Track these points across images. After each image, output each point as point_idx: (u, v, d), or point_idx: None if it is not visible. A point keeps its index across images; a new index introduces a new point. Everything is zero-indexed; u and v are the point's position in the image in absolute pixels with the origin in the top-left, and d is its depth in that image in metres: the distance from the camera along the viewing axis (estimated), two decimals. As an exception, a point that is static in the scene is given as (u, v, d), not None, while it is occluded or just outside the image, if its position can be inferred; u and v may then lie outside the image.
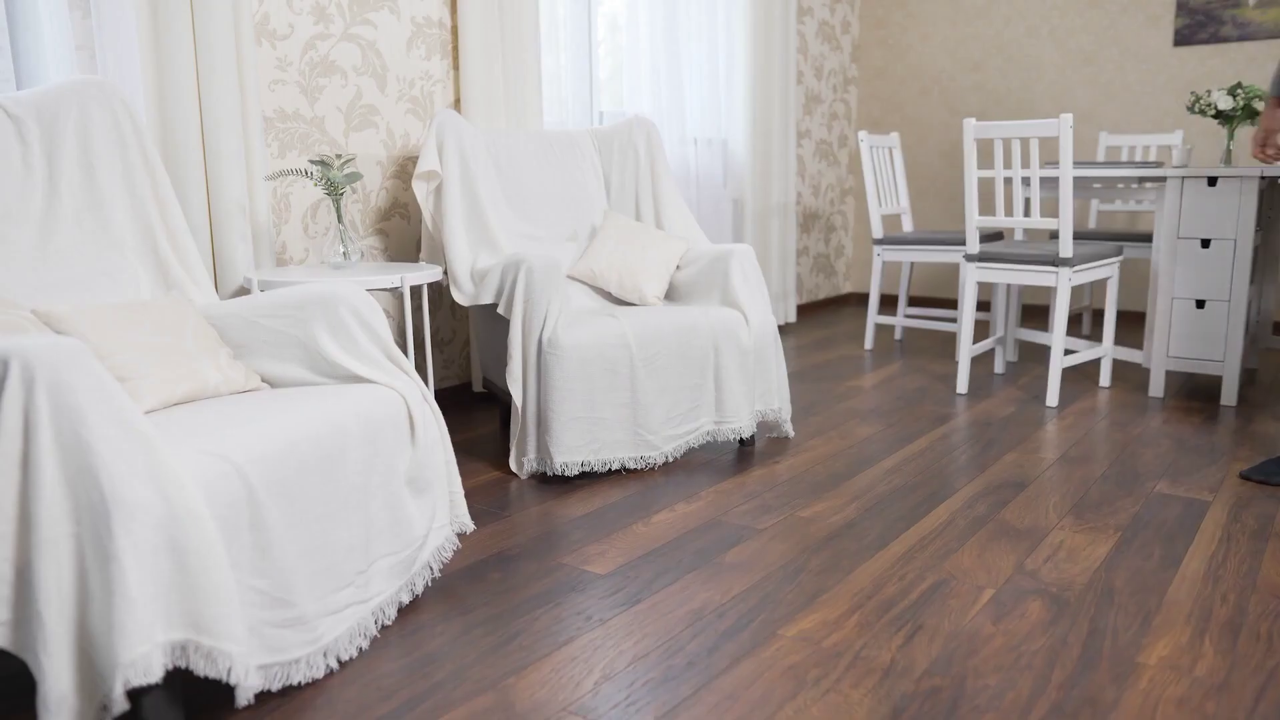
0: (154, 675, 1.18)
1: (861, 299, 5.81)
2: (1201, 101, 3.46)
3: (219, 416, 1.54)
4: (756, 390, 2.71)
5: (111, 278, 1.94)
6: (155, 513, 1.20)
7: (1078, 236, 4.20)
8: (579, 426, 2.45)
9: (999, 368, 3.80)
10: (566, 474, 2.51)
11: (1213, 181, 3.16)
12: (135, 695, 1.24)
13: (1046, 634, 1.67)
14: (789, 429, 2.88)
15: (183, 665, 1.23)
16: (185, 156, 2.43)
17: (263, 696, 1.50)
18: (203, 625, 1.23)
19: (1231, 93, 3.40)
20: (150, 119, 2.40)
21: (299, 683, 1.51)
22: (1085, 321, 4.59)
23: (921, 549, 2.05)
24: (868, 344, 4.36)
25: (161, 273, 2.03)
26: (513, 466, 2.53)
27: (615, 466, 2.52)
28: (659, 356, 2.53)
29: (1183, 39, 4.67)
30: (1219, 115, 3.44)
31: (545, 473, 2.57)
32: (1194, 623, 1.71)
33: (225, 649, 1.24)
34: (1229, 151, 3.49)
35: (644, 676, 1.54)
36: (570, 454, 2.45)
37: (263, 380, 1.84)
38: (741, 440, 2.84)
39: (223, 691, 1.53)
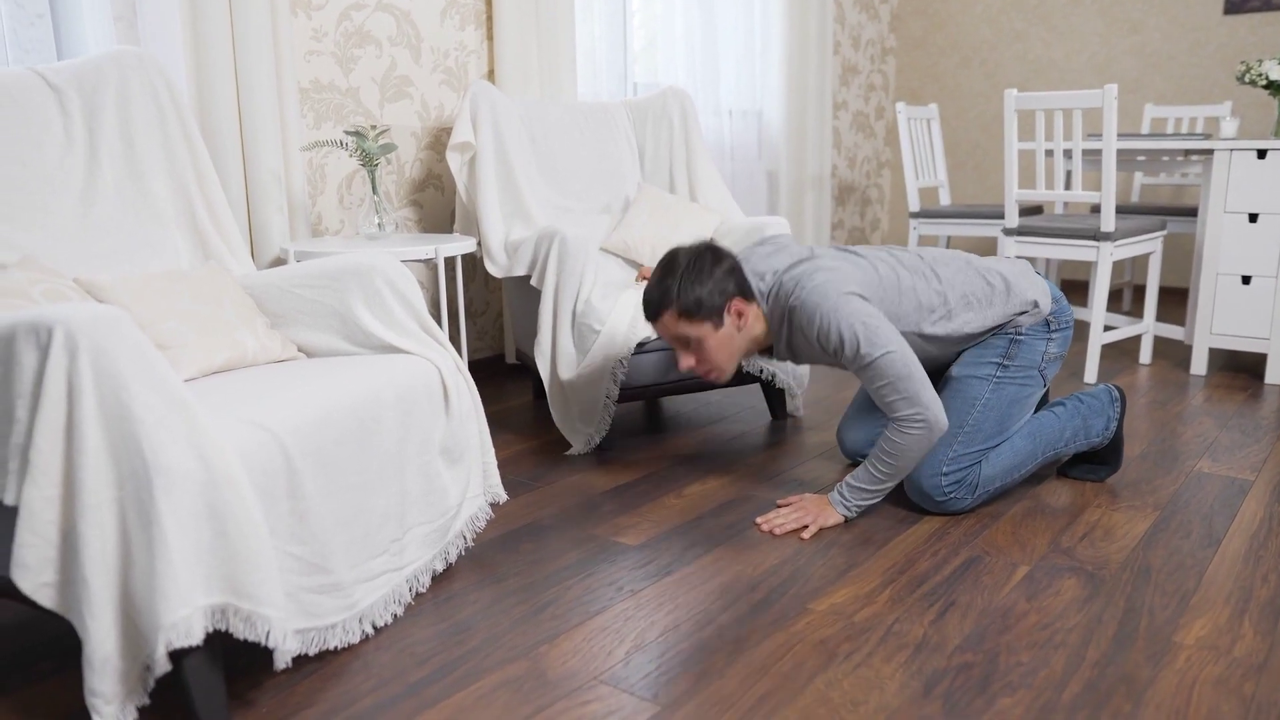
0: (195, 638, 1.20)
1: (897, 273, 5.74)
2: (1252, 71, 3.36)
3: (257, 385, 1.56)
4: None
5: (152, 248, 1.96)
6: (196, 479, 1.22)
7: (1120, 210, 4.11)
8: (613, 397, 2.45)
9: (1036, 343, 3.74)
10: (603, 446, 2.52)
11: (1262, 154, 3.08)
12: (177, 657, 1.27)
13: (1081, 612, 1.65)
14: (798, 406, 2.84)
15: (223, 628, 1.26)
16: (222, 128, 2.45)
17: (300, 660, 1.53)
18: (242, 590, 1.26)
19: (1284, 62, 3.31)
20: (188, 90, 2.41)
21: (335, 647, 1.54)
22: (1126, 297, 4.50)
23: (955, 525, 2.03)
24: (902, 319, 4.31)
25: (200, 243, 2.05)
26: (573, 444, 2.52)
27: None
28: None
29: (1233, 7, 4.53)
30: (1270, 86, 3.35)
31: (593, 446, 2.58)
32: (1233, 603, 1.68)
33: (264, 613, 1.27)
34: (1280, 123, 3.40)
35: (675, 647, 1.55)
36: (603, 425, 2.46)
37: (299, 349, 1.86)
38: (774, 415, 2.83)
39: (262, 654, 1.56)
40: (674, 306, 1.94)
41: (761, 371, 2.62)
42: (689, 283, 1.93)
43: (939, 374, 2.32)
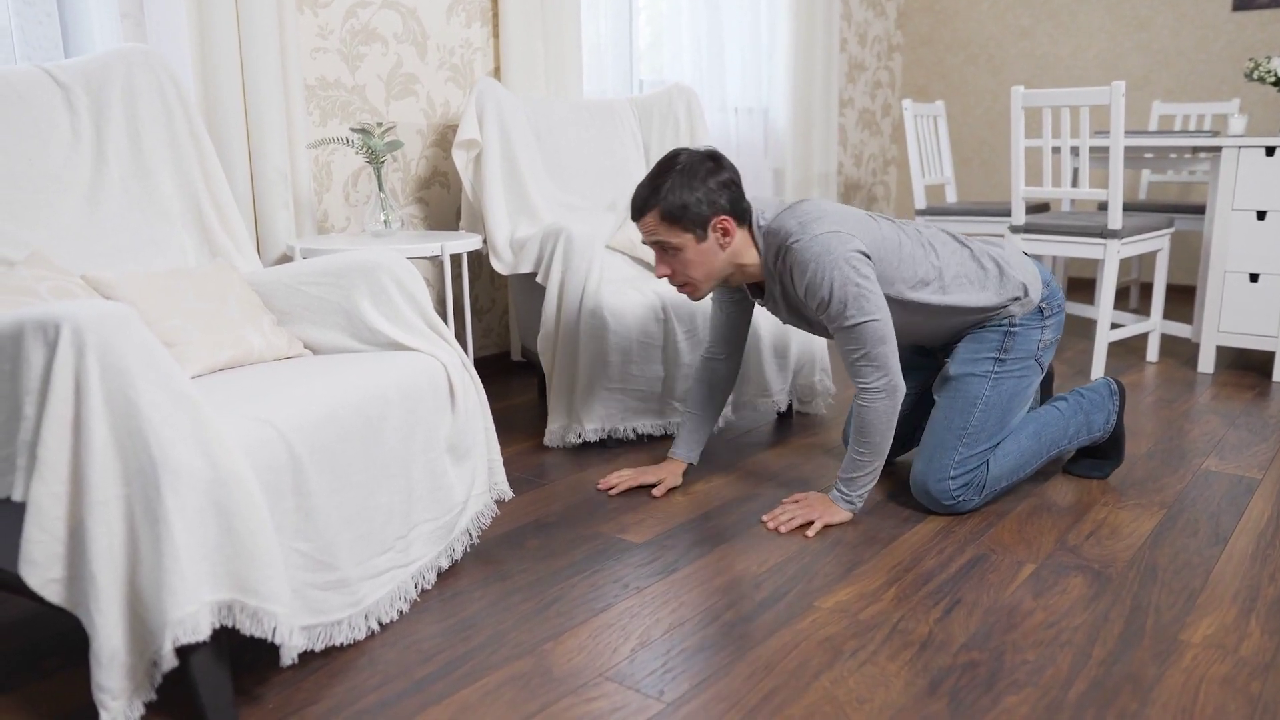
0: (202, 634, 1.21)
1: (903, 271, 5.72)
2: (1261, 68, 3.35)
3: (263, 382, 1.56)
4: (792, 364, 2.69)
5: (158, 245, 1.96)
6: (202, 476, 1.23)
7: (1127, 208, 4.10)
8: (614, 394, 2.45)
9: (1043, 341, 3.73)
10: (598, 439, 2.52)
11: (1270, 151, 3.06)
12: (184, 653, 1.27)
13: (1088, 610, 1.65)
14: (820, 405, 2.85)
15: (229, 624, 1.26)
16: (228, 125, 2.45)
17: (306, 656, 1.53)
18: (248, 586, 1.26)
19: (1292, 59, 3.29)
20: (194, 87, 2.42)
21: (341, 644, 1.54)
22: (1133, 295, 4.49)
23: (960, 523, 2.03)
24: (908, 316, 4.30)
25: (206, 240, 2.05)
26: (547, 439, 2.53)
27: (645, 432, 2.53)
28: (700, 328, 2.52)
29: (1242, 3, 4.51)
30: (1278, 83, 3.33)
31: (579, 441, 2.58)
32: (1240, 602, 1.68)
33: (270, 609, 1.27)
34: (1288, 120, 3.38)
35: (680, 645, 1.55)
36: (602, 421, 2.46)
37: (305, 346, 1.86)
38: (779, 413, 2.83)
39: (268, 651, 1.56)
40: (658, 208, 1.87)
41: (774, 402, 2.64)
42: (678, 186, 1.85)
43: (931, 362, 2.31)
